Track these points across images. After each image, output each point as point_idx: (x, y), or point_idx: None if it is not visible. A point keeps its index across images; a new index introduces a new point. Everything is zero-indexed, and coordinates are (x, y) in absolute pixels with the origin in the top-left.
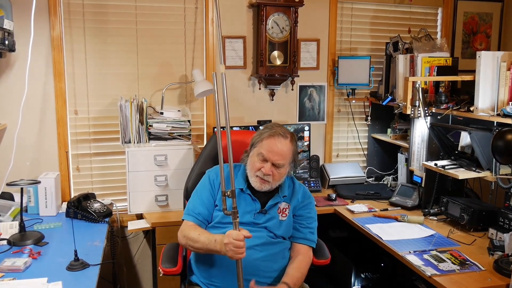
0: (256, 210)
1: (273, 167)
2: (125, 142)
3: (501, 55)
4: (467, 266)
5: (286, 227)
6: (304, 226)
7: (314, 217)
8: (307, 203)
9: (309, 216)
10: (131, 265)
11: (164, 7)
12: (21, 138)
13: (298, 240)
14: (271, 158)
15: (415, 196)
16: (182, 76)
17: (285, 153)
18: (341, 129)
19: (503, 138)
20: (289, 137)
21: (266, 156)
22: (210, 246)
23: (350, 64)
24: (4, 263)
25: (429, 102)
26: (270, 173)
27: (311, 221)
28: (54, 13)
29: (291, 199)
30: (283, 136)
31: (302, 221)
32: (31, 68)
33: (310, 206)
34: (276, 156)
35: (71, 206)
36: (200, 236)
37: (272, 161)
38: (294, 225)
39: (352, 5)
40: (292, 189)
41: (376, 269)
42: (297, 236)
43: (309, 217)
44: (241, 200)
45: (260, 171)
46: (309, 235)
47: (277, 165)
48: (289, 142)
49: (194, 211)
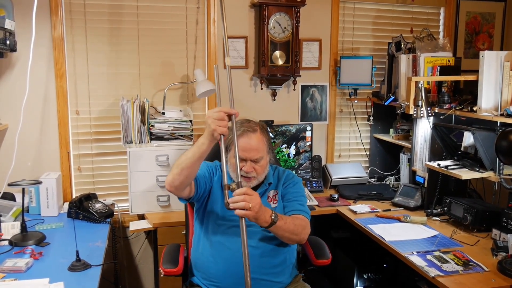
0: None
1: (252, 163)
2: (127, 142)
3: (505, 55)
4: (471, 267)
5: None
6: (291, 200)
7: (301, 191)
8: (291, 182)
9: (294, 191)
10: (132, 266)
11: (166, 7)
12: (22, 138)
13: (290, 213)
14: (247, 157)
15: (418, 196)
16: (184, 76)
17: (259, 146)
18: (343, 129)
19: (507, 138)
20: (258, 129)
21: (243, 156)
22: (199, 148)
23: (352, 64)
24: (6, 263)
25: (431, 102)
26: (252, 170)
27: (297, 195)
28: (55, 13)
29: (277, 185)
30: (252, 130)
31: (289, 196)
32: (33, 68)
33: (294, 182)
34: (252, 153)
35: (72, 207)
36: (187, 151)
37: (249, 159)
38: (283, 204)
39: (354, 4)
40: (277, 176)
41: (378, 269)
42: (287, 210)
43: (295, 192)
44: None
45: (242, 170)
46: (299, 206)
47: (256, 160)
48: (259, 134)
49: None
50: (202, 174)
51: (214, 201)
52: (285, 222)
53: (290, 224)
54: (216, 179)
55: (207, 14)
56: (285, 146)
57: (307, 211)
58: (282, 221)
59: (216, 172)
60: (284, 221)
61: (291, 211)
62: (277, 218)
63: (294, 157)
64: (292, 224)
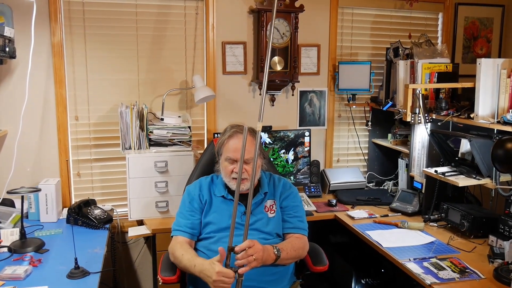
0: (241, 212)
1: (244, 164)
2: (126, 148)
3: (501, 62)
4: (467, 274)
5: (275, 223)
6: (291, 216)
7: (300, 205)
8: (289, 193)
9: (294, 205)
10: (131, 271)
11: (164, 13)
12: (21, 145)
13: (289, 230)
14: (238, 157)
15: (416, 202)
16: (183, 82)
17: (250, 147)
18: (341, 134)
19: (503, 147)
20: (247, 132)
21: (234, 157)
22: (190, 270)
23: (350, 70)
24: (5, 271)
25: (429, 108)
26: (243, 171)
27: (297, 210)
28: (54, 20)
29: (275, 194)
30: (241, 132)
31: (289, 211)
32: (32, 75)
33: (293, 195)
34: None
35: (71, 213)
36: (183, 257)
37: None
38: (282, 217)
39: (352, 10)
40: (273, 184)
41: (376, 275)
42: (287, 227)
43: (294, 206)
44: (224, 206)
45: (234, 172)
46: (299, 224)
47: (246, 160)
48: (249, 136)
49: (178, 225)
50: (197, 223)
51: (209, 213)
52: (287, 253)
53: (291, 252)
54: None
55: (206, 20)
56: (283, 152)
57: (305, 227)
58: (284, 252)
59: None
60: (286, 252)
61: (291, 228)
62: (280, 252)
63: (292, 162)
64: (293, 250)
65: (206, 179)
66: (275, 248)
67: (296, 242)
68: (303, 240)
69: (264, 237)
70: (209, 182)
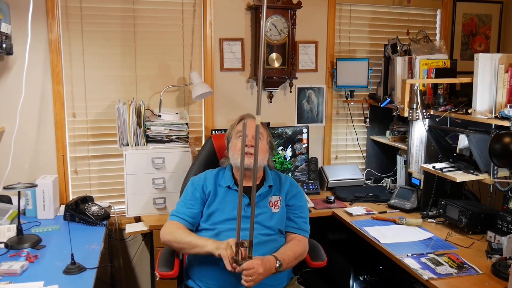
0: (245, 203)
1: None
2: (123, 145)
3: (499, 58)
4: (465, 269)
5: (279, 219)
6: (297, 216)
7: (305, 205)
8: (296, 192)
9: (300, 205)
10: (129, 268)
11: (162, 9)
12: (19, 141)
13: (293, 230)
14: (249, 133)
15: (414, 198)
16: (180, 79)
17: (260, 128)
18: (339, 131)
19: (500, 141)
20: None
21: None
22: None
23: (348, 66)
24: (1, 266)
25: (427, 104)
26: (252, 144)
27: (302, 210)
28: (52, 16)
29: (281, 191)
30: (253, 118)
31: (295, 210)
32: (29, 71)
33: (300, 195)
34: (253, 130)
35: (69, 209)
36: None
37: (250, 135)
38: (287, 215)
39: (350, 6)
40: (279, 180)
41: (374, 271)
42: (292, 226)
43: (301, 206)
44: (229, 197)
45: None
46: (303, 225)
47: None
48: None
49: (177, 212)
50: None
51: (213, 203)
52: (287, 263)
53: (292, 259)
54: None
55: (204, 17)
56: (281, 148)
57: (308, 229)
58: (285, 262)
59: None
60: (287, 262)
61: (295, 229)
62: (281, 266)
63: (290, 159)
64: (293, 258)
65: (212, 171)
66: (277, 263)
67: (298, 247)
68: (304, 243)
69: (266, 233)
70: (215, 174)
